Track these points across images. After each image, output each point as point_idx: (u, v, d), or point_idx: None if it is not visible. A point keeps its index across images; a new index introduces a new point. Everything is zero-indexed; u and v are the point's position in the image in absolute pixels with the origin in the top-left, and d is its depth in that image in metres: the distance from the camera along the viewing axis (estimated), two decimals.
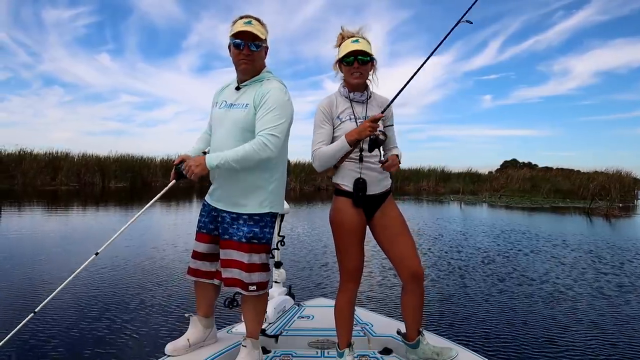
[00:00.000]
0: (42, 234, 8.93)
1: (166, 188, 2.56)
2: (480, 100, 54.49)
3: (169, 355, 2.45)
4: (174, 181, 2.47)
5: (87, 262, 2.53)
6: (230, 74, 2.53)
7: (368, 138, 2.23)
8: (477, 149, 55.87)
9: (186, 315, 2.64)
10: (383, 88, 2.50)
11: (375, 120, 2.22)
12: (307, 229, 10.54)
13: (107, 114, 44.54)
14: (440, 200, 21.93)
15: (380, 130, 2.23)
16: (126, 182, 23.07)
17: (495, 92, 53.90)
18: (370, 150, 2.24)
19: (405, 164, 31.75)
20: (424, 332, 2.55)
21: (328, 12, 51.19)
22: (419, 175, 31.16)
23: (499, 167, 35.23)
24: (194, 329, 2.56)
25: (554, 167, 30.72)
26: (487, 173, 33.59)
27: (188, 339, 2.52)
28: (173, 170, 2.45)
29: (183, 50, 52.99)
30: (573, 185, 25.67)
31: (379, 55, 2.39)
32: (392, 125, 2.50)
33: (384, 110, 2.34)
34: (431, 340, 2.58)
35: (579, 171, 29.54)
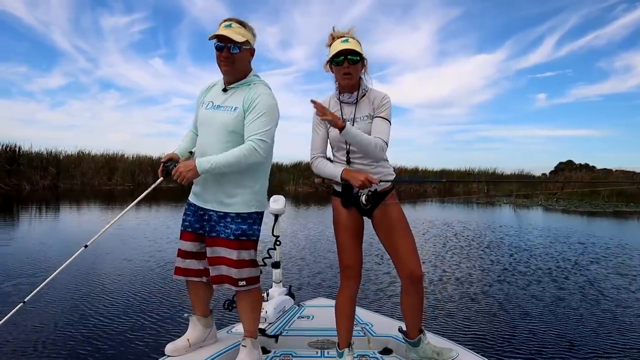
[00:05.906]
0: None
1: (154, 185, 2.61)
2: (534, 100, 51.36)
3: (169, 356, 2.46)
4: (161, 178, 2.50)
5: (76, 254, 2.55)
6: (277, 77, 2.54)
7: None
8: (530, 150, 52.65)
9: (185, 315, 2.66)
10: (431, 87, 2.39)
11: (371, 182, 2.21)
12: (316, 228, 10.54)
13: (159, 116, 46.22)
14: (491, 203, 21.14)
15: (369, 192, 2.25)
16: (177, 182, 23.80)
17: (550, 91, 50.53)
18: (344, 195, 2.36)
19: (454, 165, 30.90)
20: (426, 331, 2.53)
21: (376, 11, 50.32)
22: (468, 177, 30.23)
23: (553, 168, 33.41)
24: (194, 329, 2.58)
25: (614, 169, 28.71)
26: (540, 175, 32.04)
27: (188, 339, 2.53)
28: (160, 168, 2.48)
29: None
30: (637, 188, 23.97)
31: (428, 53, 2.30)
32: (383, 118, 2.33)
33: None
34: (432, 340, 2.54)
35: None
